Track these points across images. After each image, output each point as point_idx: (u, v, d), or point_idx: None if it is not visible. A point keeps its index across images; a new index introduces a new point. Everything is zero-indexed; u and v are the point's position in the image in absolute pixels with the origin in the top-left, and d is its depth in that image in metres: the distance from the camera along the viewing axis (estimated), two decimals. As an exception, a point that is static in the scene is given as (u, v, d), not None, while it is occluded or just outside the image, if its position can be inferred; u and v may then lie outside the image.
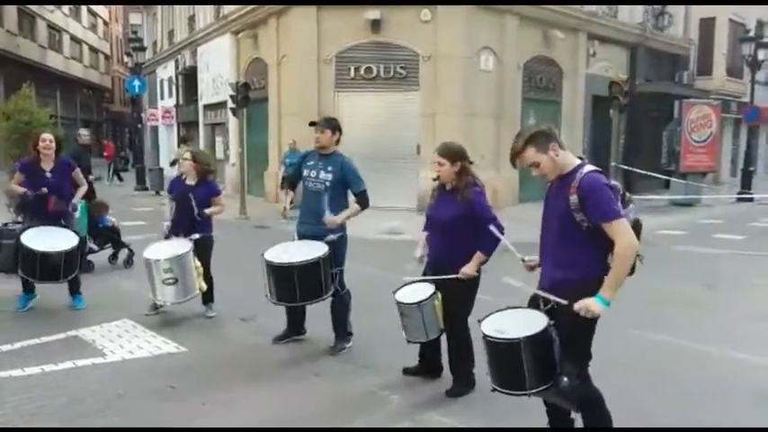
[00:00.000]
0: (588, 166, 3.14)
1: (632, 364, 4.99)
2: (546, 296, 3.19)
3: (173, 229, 6.29)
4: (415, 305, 4.37)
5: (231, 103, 15.65)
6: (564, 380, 3.10)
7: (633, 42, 21.06)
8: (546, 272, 3.32)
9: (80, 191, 6.70)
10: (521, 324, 3.18)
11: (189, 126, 25.44)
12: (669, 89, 21.46)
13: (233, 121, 18.12)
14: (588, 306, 3.02)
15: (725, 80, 24.80)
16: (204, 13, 22.41)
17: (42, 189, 6.22)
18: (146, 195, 19.64)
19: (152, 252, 6.10)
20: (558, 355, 3.13)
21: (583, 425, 3.35)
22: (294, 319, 5.58)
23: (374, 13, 15.02)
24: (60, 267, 6.12)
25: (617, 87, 16.18)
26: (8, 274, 6.63)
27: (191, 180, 6.35)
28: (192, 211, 6.18)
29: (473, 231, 4.28)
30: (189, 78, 24.44)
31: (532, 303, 3.38)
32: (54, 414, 4.11)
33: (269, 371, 5.01)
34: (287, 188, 5.67)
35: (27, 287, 6.44)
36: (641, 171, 17.60)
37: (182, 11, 25.40)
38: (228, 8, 19.49)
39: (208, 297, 6.39)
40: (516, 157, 3.22)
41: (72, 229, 6.43)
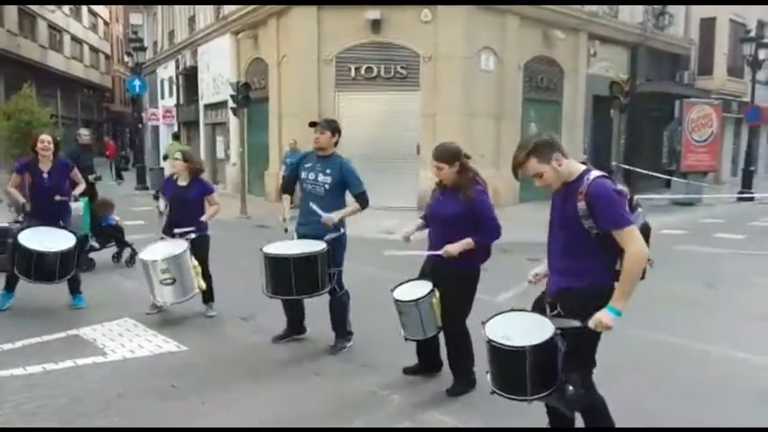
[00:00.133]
0: (594, 172, 3.08)
1: (633, 364, 4.98)
2: (562, 324, 3.12)
3: (168, 229, 6.30)
4: (412, 303, 4.37)
5: (232, 103, 15.66)
6: (569, 389, 3.08)
7: (634, 42, 21.05)
8: (553, 278, 3.29)
9: (79, 188, 6.75)
10: (526, 330, 3.14)
11: (189, 126, 25.45)
12: (670, 89, 21.45)
13: (234, 121, 18.13)
14: (601, 320, 2.98)
15: (725, 80, 24.79)
16: (204, 14, 22.41)
17: (40, 207, 6.28)
18: (146, 195, 19.62)
19: (148, 253, 6.13)
20: (562, 363, 3.10)
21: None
22: (293, 317, 5.57)
23: (374, 14, 15.02)
24: (56, 268, 6.12)
25: (617, 87, 16.20)
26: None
27: (182, 181, 6.35)
28: (188, 211, 6.17)
29: (473, 229, 4.29)
30: (189, 78, 24.44)
31: (537, 307, 3.36)
32: (54, 413, 4.12)
33: (269, 370, 5.02)
34: (285, 194, 5.63)
35: (9, 286, 6.40)
36: (642, 171, 17.61)
37: (182, 11, 25.41)
38: (229, 8, 19.49)
39: (208, 296, 6.40)
40: (518, 169, 3.15)
41: (70, 230, 6.43)
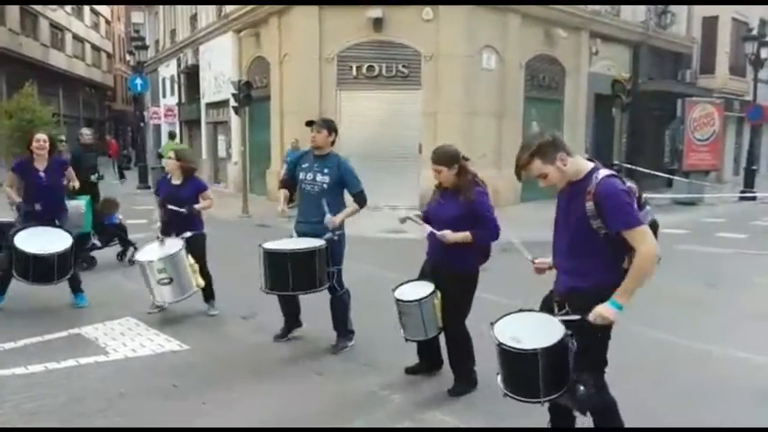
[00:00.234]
0: (603, 171, 3.03)
1: (634, 363, 4.97)
2: (566, 318, 3.12)
3: (164, 229, 6.30)
4: (415, 303, 4.36)
5: (233, 102, 15.66)
6: (580, 389, 3.06)
7: (636, 41, 21.00)
8: (560, 278, 3.27)
9: (71, 186, 6.74)
10: (536, 331, 3.13)
11: (191, 124, 25.47)
12: (672, 88, 21.41)
13: (235, 120, 18.13)
14: (602, 313, 2.96)
15: (728, 79, 24.74)
16: (206, 12, 22.41)
17: (36, 206, 6.28)
18: (148, 194, 19.61)
19: (144, 254, 6.19)
20: (573, 363, 3.09)
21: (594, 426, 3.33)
22: (289, 312, 5.59)
23: (376, 12, 15.00)
24: (54, 269, 6.11)
25: (619, 86, 16.21)
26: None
27: (176, 179, 6.35)
28: (182, 210, 6.18)
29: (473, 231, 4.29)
30: (191, 77, 24.45)
31: (545, 306, 3.35)
32: (55, 412, 4.13)
33: (270, 369, 5.02)
34: (284, 189, 5.62)
35: (1, 287, 6.40)
36: (644, 170, 17.59)
37: (184, 9, 25.41)
38: (230, 7, 19.48)
39: (208, 294, 6.41)
40: (522, 170, 3.11)
41: (66, 229, 6.42)
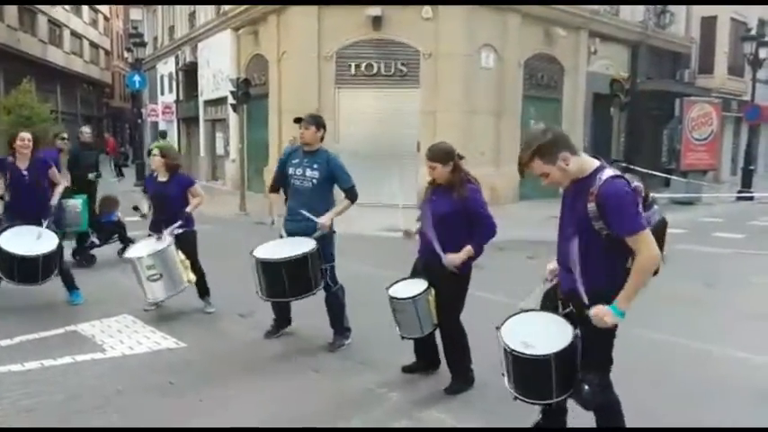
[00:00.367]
0: (608, 171, 2.96)
1: (632, 364, 4.94)
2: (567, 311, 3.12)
3: (154, 226, 6.29)
4: (409, 300, 4.37)
5: (232, 99, 15.63)
6: (585, 388, 3.05)
7: (634, 40, 21.03)
8: (563, 277, 3.25)
9: (57, 190, 6.67)
10: (544, 333, 3.11)
11: (189, 122, 25.46)
12: (670, 87, 21.43)
13: (233, 117, 18.11)
14: (603, 317, 2.95)
15: (726, 78, 24.78)
16: (205, 10, 22.39)
17: (18, 204, 6.22)
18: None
19: (134, 251, 6.20)
20: (580, 361, 3.08)
21: (596, 425, 3.33)
22: (279, 311, 5.60)
23: (375, 10, 14.99)
24: (39, 270, 6.08)
25: (618, 85, 16.20)
26: None
27: (162, 176, 6.34)
28: (171, 207, 6.16)
29: (466, 228, 4.30)
30: (189, 74, 24.42)
31: (548, 302, 3.33)
32: (52, 410, 4.11)
33: (267, 367, 5.02)
34: (273, 193, 5.64)
35: None
36: (642, 169, 17.58)
37: (182, 7, 25.38)
38: (229, 5, 19.45)
39: (202, 290, 6.40)
40: (523, 168, 3.07)
41: (51, 229, 6.38)
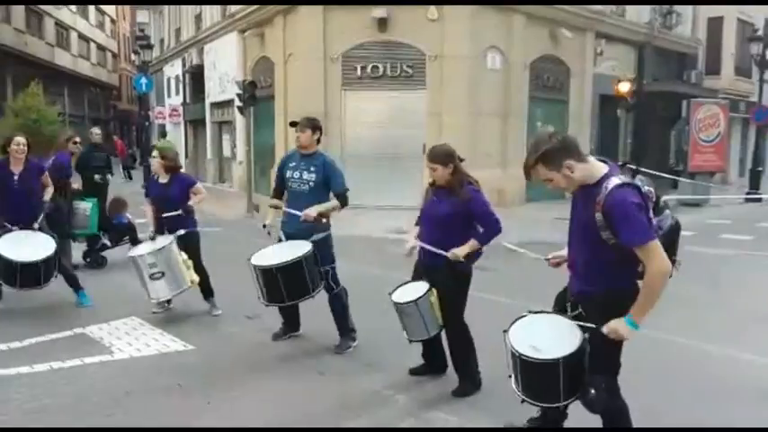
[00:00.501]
0: (615, 179, 2.88)
1: (637, 364, 4.92)
2: (580, 324, 3.10)
3: (157, 228, 6.31)
4: (412, 303, 4.38)
5: (238, 102, 15.68)
6: (591, 392, 3.05)
7: (641, 41, 20.96)
8: (573, 279, 3.25)
9: (47, 190, 6.68)
10: (552, 336, 3.12)
11: (196, 124, 25.53)
12: (677, 88, 21.37)
13: (240, 120, 18.15)
14: (617, 330, 2.94)
15: (733, 79, 24.69)
16: (211, 12, 22.46)
17: (10, 209, 6.21)
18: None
19: (136, 250, 6.30)
20: (587, 364, 3.08)
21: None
22: (288, 316, 5.64)
23: (381, 12, 14.99)
24: (40, 274, 6.11)
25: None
26: None
27: (163, 178, 6.36)
28: (173, 208, 6.17)
29: (467, 229, 4.31)
30: (196, 76, 24.50)
31: (559, 304, 3.33)
32: (61, 412, 4.14)
33: (274, 369, 5.03)
34: (274, 199, 5.64)
35: None
36: (649, 171, 17.53)
37: (188, 9, 25.48)
38: (235, 6, 19.52)
39: (207, 291, 6.41)
40: (528, 173, 3.06)
41: (46, 231, 6.41)
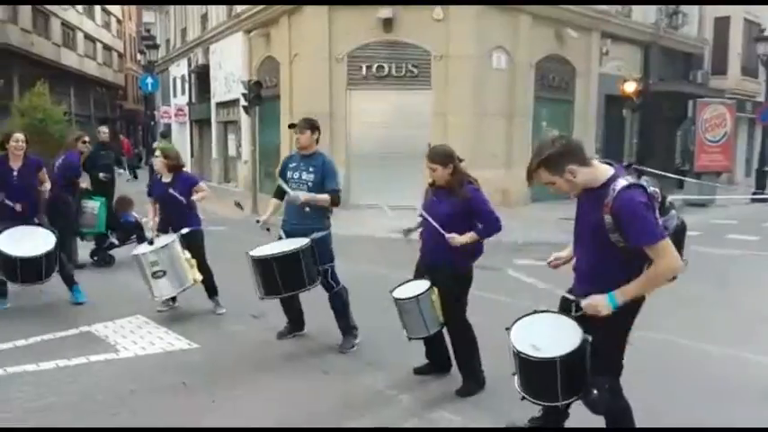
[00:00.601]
0: (622, 181, 2.88)
1: (642, 365, 4.92)
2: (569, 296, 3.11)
3: (161, 227, 6.32)
4: (413, 299, 4.40)
5: (243, 102, 15.71)
6: (594, 392, 3.05)
7: (647, 41, 20.89)
8: (577, 280, 3.25)
9: (45, 185, 6.69)
10: (553, 335, 3.12)
11: (201, 124, 25.57)
12: (683, 88, 21.31)
13: (245, 119, 18.17)
14: (596, 306, 2.92)
15: (739, 79, 24.59)
16: (216, 12, 22.51)
17: (9, 205, 6.23)
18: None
19: (138, 249, 6.31)
20: (589, 365, 3.08)
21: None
22: (292, 314, 5.67)
23: (386, 12, 15.00)
24: (42, 268, 6.11)
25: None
26: None
27: (166, 178, 6.36)
28: (177, 207, 6.20)
29: (467, 229, 4.33)
30: (201, 76, 24.54)
31: (564, 304, 3.33)
32: (66, 410, 4.16)
33: (278, 368, 5.05)
34: (274, 199, 5.71)
35: (0, 290, 6.42)
36: (654, 171, 17.49)
37: (194, 9, 25.51)
38: (241, 7, 19.55)
39: (211, 290, 6.43)
40: (531, 176, 3.05)
41: (47, 227, 6.43)
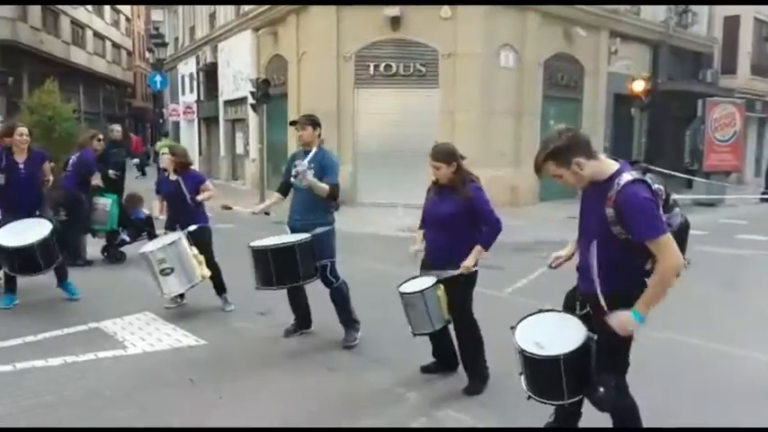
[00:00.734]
0: (626, 175, 2.91)
1: (651, 365, 4.92)
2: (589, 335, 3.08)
3: (168, 224, 6.36)
4: (418, 294, 4.40)
5: (251, 100, 15.75)
6: (600, 390, 3.04)
7: (656, 40, 20.79)
8: (581, 277, 3.24)
9: (47, 180, 6.74)
10: (557, 334, 3.11)
11: (209, 122, 25.66)
12: (692, 87, 21.20)
13: (253, 117, 18.23)
14: (624, 324, 2.92)
15: (749, 79, 24.46)
16: (225, 10, 22.57)
17: (15, 197, 6.27)
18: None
19: (146, 246, 6.34)
20: (595, 363, 3.07)
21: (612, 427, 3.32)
22: (298, 311, 5.70)
23: (394, 11, 15.00)
24: (38, 258, 6.11)
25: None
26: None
27: (173, 175, 6.38)
28: (184, 204, 6.23)
29: (471, 228, 4.34)
30: (210, 74, 24.62)
31: (568, 302, 3.32)
32: (74, 406, 4.18)
33: (285, 365, 5.05)
34: (277, 192, 5.76)
35: (9, 286, 6.46)
36: (663, 170, 17.41)
37: (203, 7, 25.59)
38: (248, 5, 19.60)
39: (219, 287, 6.45)
40: (538, 169, 3.07)
41: (46, 218, 6.46)
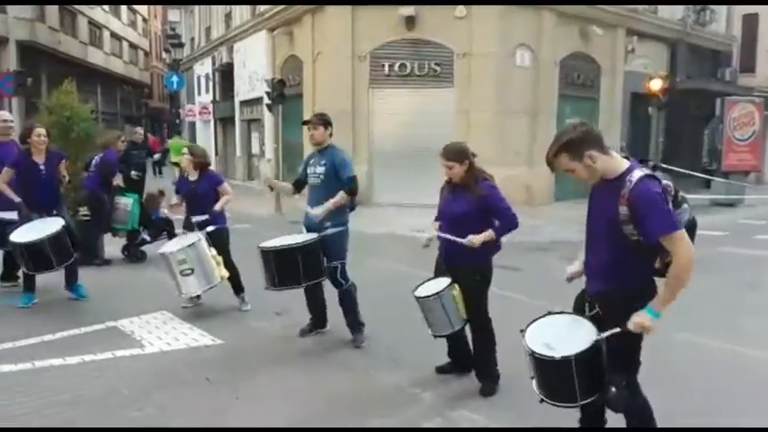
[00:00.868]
0: (638, 172, 2.89)
1: (668, 366, 4.89)
2: (605, 334, 3.04)
3: (187, 224, 6.42)
4: (434, 296, 4.40)
5: (267, 100, 15.80)
6: (612, 390, 3.03)
7: (673, 38, 20.59)
8: (590, 277, 3.21)
9: (63, 179, 6.79)
10: (567, 335, 3.10)
11: (225, 122, 25.82)
12: (710, 86, 20.95)
13: (268, 118, 18.29)
14: (642, 324, 2.90)
15: (769, 77, 24.16)
16: (240, 11, 22.68)
17: (36, 198, 6.37)
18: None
19: (166, 247, 6.39)
20: (606, 363, 3.06)
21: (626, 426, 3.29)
22: (315, 310, 5.72)
23: (409, 10, 14.97)
24: (50, 255, 6.15)
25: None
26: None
27: (192, 175, 6.43)
28: (202, 205, 6.28)
29: (485, 226, 4.32)
30: (225, 75, 24.76)
31: (577, 304, 3.30)
32: (92, 404, 4.22)
33: (300, 365, 5.07)
34: (293, 186, 5.80)
35: (28, 284, 6.52)
36: (681, 170, 17.26)
37: (219, 8, 25.77)
38: (264, 6, 19.68)
39: (237, 287, 6.47)
40: (551, 163, 3.07)
41: (60, 215, 6.52)
